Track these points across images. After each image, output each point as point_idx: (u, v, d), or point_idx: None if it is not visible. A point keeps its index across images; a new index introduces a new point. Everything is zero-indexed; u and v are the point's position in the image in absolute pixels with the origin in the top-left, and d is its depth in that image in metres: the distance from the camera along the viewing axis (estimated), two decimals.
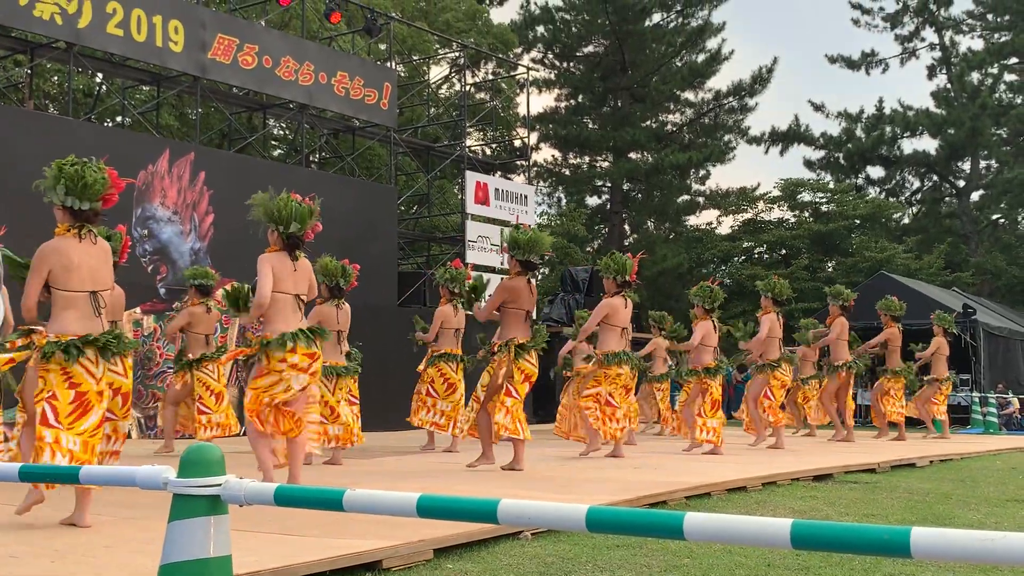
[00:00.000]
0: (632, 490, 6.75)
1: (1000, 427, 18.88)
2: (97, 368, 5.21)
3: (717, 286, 11.66)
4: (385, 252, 17.58)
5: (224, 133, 20.53)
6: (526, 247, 8.61)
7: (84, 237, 5.30)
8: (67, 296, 5.22)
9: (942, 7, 37.09)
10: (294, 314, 6.71)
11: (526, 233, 8.68)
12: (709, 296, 11.44)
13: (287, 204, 6.68)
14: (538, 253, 8.72)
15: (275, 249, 6.74)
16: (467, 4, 28.07)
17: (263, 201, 6.71)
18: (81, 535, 4.92)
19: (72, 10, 13.35)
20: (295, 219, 6.67)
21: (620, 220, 34.49)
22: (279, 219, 6.67)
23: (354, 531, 4.78)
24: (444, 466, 8.95)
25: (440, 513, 2.27)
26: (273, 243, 6.77)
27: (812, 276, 30.37)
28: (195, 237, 14.50)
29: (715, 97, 34.84)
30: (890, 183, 37.88)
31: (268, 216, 6.71)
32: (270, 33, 17.04)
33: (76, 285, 5.22)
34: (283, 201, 6.69)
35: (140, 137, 15.47)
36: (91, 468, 2.82)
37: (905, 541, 1.69)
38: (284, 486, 2.41)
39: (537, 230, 8.98)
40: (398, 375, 13.30)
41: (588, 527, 2.00)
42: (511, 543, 5.13)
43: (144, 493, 2.62)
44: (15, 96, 17.89)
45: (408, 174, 23.14)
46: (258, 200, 6.73)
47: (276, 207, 6.67)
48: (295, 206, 6.69)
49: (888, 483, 8.62)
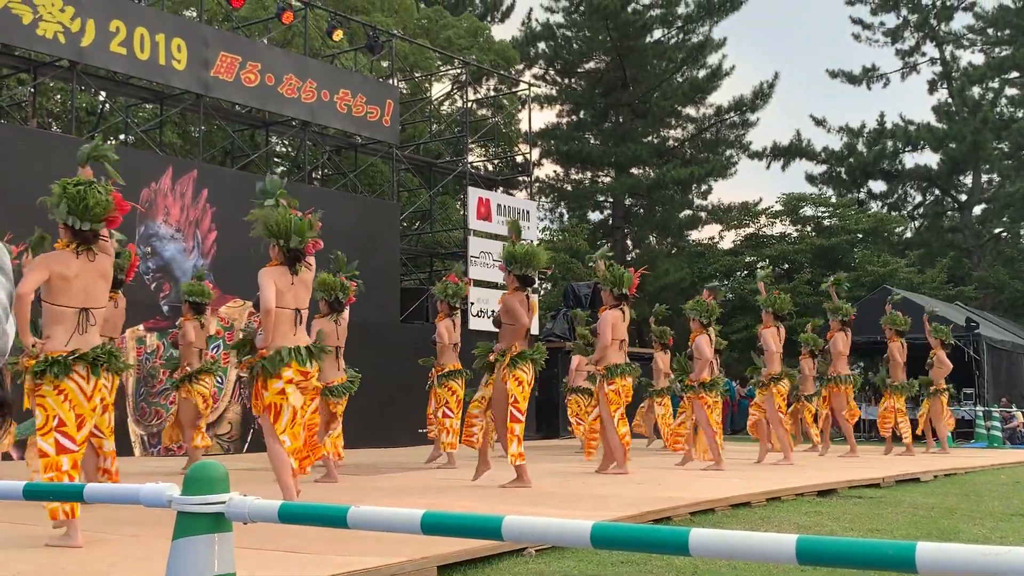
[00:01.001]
0: (636, 506, 6.74)
1: (1004, 441, 18.83)
2: (88, 384, 5.25)
3: (712, 300, 11.71)
4: (388, 268, 17.59)
5: (227, 150, 20.57)
6: (524, 261, 8.60)
7: (81, 254, 5.39)
8: (58, 311, 5.29)
9: (943, 22, 37.20)
10: (291, 329, 6.74)
11: (523, 247, 8.68)
12: (705, 310, 11.47)
13: (286, 218, 6.72)
14: (535, 268, 8.70)
15: (276, 263, 6.77)
16: (469, 21, 28.16)
17: (263, 216, 6.74)
18: (86, 553, 4.91)
19: (75, 29, 13.41)
20: (295, 232, 6.71)
21: (622, 235, 34.52)
22: (279, 233, 6.71)
23: (358, 548, 4.77)
24: (448, 482, 8.94)
25: (444, 530, 2.27)
26: (274, 257, 6.80)
27: (815, 291, 30.34)
28: (198, 254, 14.52)
29: (716, 112, 34.93)
30: (892, 197, 37.91)
31: (269, 231, 6.74)
32: (272, 51, 17.10)
33: (67, 300, 5.31)
34: (282, 215, 6.73)
35: (143, 155, 15.50)
36: (95, 486, 2.82)
37: (910, 556, 1.69)
38: (288, 503, 2.41)
39: (534, 245, 8.98)
40: (401, 391, 13.30)
41: (593, 543, 2.00)
42: (515, 560, 5.12)
43: (148, 511, 2.62)
44: (18, 114, 17.94)
45: (410, 190, 23.17)
46: (258, 215, 6.77)
47: (276, 221, 6.71)
48: (294, 220, 6.73)
49: (893, 498, 8.59)
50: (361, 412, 12.72)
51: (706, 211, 35.17)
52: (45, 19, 13.09)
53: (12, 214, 10.87)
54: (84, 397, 5.25)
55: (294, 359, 6.58)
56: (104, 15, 13.76)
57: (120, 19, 13.95)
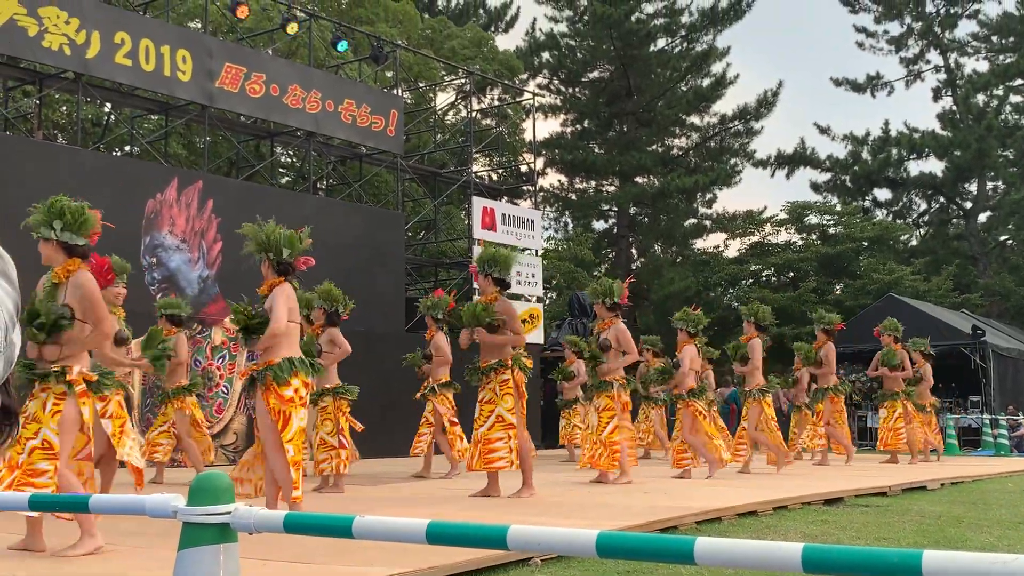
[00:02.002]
0: (642, 515, 6.72)
1: (1011, 449, 18.78)
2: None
3: (699, 311, 11.87)
4: (393, 278, 17.62)
5: (232, 161, 20.62)
6: (504, 264, 8.57)
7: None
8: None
9: (947, 29, 37.20)
10: (297, 343, 6.83)
11: (500, 250, 8.67)
12: (693, 321, 11.53)
13: (276, 231, 6.82)
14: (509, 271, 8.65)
15: (280, 280, 6.79)
16: (473, 31, 28.22)
17: (253, 232, 6.84)
18: (92, 564, 4.91)
19: (80, 41, 13.46)
20: (285, 245, 6.78)
21: (627, 244, 34.51)
22: (269, 246, 6.80)
23: (363, 558, 4.76)
24: (452, 492, 8.93)
25: (450, 539, 2.26)
26: (267, 273, 6.85)
27: (820, 299, 30.30)
28: (203, 265, 14.54)
29: (721, 121, 34.92)
30: (897, 205, 37.87)
31: (260, 246, 6.83)
32: (277, 61, 17.14)
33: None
34: (271, 229, 6.84)
35: (149, 166, 15.54)
36: (101, 496, 2.82)
37: (917, 565, 1.68)
38: (293, 513, 2.41)
39: (501, 248, 8.94)
40: (405, 401, 13.29)
41: (598, 552, 1.99)
42: (521, 569, 5.11)
43: (153, 522, 2.62)
44: (24, 126, 18.00)
45: (415, 200, 23.19)
46: (247, 231, 6.88)
47: (266, 235, 6.81)
48: (283, 233, 6.83)
49: (900, 506, 8.57)
50: (364, 422, 12.68)
51: (711, 220, 35.15)
52: (51, 31, 13.14)
53: (18, 225, 10.89)
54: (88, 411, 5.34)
55: (301, 369, 6.61)
56: (109, 27, 13.82)
57: (125, 31, 14.00)
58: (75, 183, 10.78)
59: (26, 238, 5.59)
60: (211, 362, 13.98)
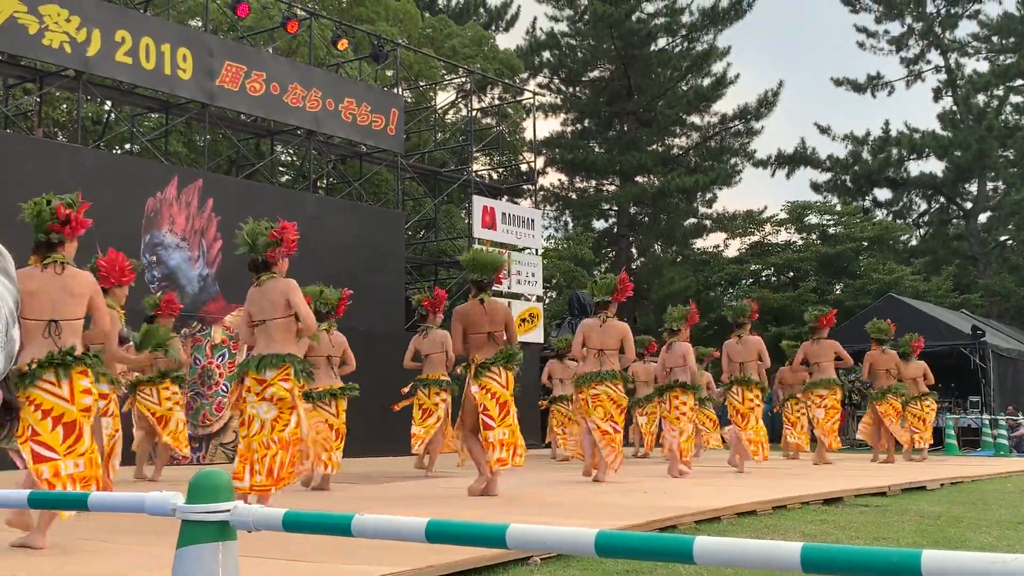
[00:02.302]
0: (641, 514, 6.72)
1: (1011, 449, 18.78)
2: (62, 388, 5.23)
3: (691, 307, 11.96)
4: (393, 277, 17.62)
5: (232, 159, 20.62)
6: (491, 266, 8.54)
7: (47, 267, 5.45)
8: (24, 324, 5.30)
9: (947, 30, 37.20)
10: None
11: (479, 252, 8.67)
12: (685, 319, 11.61)
13: (252, 228, 7.01)
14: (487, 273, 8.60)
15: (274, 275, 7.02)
16: (473, 30, 28.22)
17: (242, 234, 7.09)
18: (92, 562, 4.91)
19: (81, 39, 13.45)
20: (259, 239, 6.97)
21: (627, 243, 34.51)
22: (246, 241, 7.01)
23: (361, 557, 4.76)
24: (451, 491, 8.93)
25: (449, 538, 2.26)
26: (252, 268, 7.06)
27: (820, 298, 30.31)
28: (203, 263, 14.54)
29: (721, 121, 34.93)
30: (897, 205, 37.87)
31: (245, 245, 7.03)
32: (277, 60, 17.14)
33: (30, 313, 5.32)
34: (249, 227, 7.04)
35: (149, 164, 15.54)
36: (99, 494, 2.82)
37: (916, 564, 1.68)
38: (293, 512, 2.41)
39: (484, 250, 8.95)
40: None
41: (597, 551, 1.99)
42: (520, 568, 5.10)
43: (152, 519, 2.62)
44: (24, 124, 17.99)
45: (415, 199, 23.19)
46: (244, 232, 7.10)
47: (247, 233, 7.00)
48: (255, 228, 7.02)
49: (899, 506, 8.57)
50: (364, 422, 12.72)
51: (711, 219, 35.18)
52: (51, 29, 13.14)
53: (18, 223, 10.89)
54: (66, 401, 5.23)
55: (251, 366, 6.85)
56: (110, 25, 13.81)
57: (126, 29, 14.00)
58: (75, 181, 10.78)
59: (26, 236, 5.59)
60: (211, 360, 13.98)
